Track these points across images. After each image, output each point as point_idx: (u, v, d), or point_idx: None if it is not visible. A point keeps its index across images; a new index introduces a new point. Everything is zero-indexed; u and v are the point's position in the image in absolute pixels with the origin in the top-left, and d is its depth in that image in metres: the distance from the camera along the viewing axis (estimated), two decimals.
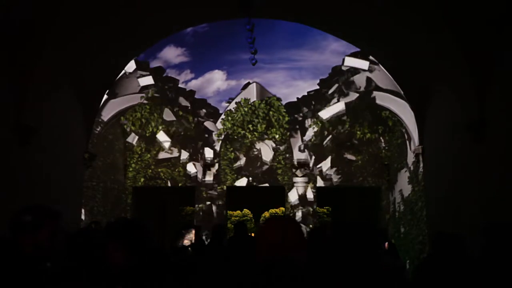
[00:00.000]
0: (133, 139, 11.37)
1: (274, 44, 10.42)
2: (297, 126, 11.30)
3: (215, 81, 11.10)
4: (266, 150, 11.62)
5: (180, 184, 11.65)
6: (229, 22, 8.69)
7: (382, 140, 11.41)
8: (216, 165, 11.42)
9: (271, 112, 11.08)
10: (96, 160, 9.24)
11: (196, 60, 10.67)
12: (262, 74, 11.09)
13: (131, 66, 10.03)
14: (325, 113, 10.47)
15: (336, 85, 10.51)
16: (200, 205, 11.40)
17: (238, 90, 11.26)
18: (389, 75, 9.46)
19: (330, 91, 10.52)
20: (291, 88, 11.29)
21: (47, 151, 6.85)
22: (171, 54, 10.74)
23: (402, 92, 9.15)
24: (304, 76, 11.11)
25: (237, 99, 11.18)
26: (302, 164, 11.30)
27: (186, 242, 6.17)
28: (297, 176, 11.39)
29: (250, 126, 11.09)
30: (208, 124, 11.29)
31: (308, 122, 11.05)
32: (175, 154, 11.49)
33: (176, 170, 11.63)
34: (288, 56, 10.81)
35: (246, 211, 14.35)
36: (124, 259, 2.17)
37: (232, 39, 10.11)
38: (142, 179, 11.65)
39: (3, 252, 2.19)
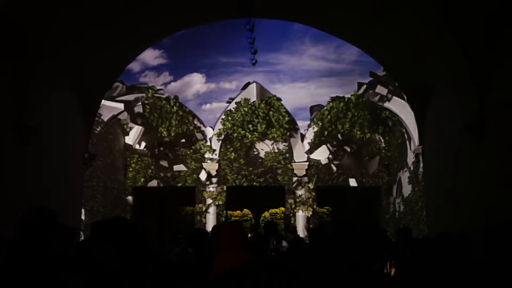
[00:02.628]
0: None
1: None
2: (297, 126, 11.30)
3: (194, 84, 11.12)
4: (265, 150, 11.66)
5: (179, 184, 11.65)
6: (205, 26, 8.63)
7: (382, 140, 11.41)
8: (216, 165, 11.42)
9: (271, 112, 11.07)
10: (96, 160, 9.23)
11: (174, 63, 10.63)
12: (241, 77, 11.19)
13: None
14: None
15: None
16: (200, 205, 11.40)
17: (218, 93, 11.30)
18: (389, 75, 9.48)
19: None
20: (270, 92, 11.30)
21: (47, 151, 6.84)
22: (149, 56, 10.74)
23: (402, 92, 9.16)
24: (282, 80, 11.18)
25: (237, 99, 11.18)
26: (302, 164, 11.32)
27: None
28: (297, 176, 11.39)
29: (250, 126, 11.09)
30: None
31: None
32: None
33: (176, 170, 11.64)
34: (266, 59, 10.90)
35: (246, 211, 14.33)
36: (115, 259, 2.16)
37: (209, 43, 10.08)
38: (142, 179, 11.65)
39: (13, 253, 2.22)
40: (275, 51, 9.26)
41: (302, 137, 11.29)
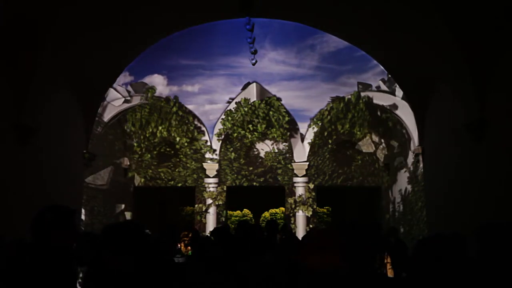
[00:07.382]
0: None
1: (212, 51, 10.39)
2: (297, 126, 11.30)
3: (156, 86, 10.95)
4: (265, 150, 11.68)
5: (179, 184, 11.65)
6: None
7: (382, 140, 11.41)
8: (216, 165, 11.42)
9: (271, 112, 11.07)
10: (96, 160, 9.23)
11: (134, 63, 10.32)
12: (203, 80, 11.05)
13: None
14: None
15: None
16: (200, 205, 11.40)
17: (181, 96, 11.02)
18: (389, 75, 9.47)
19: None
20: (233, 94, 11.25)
21: (47, 151, 6.85)
22: None
23: (402, 92, 9.16)
24: (244, 83, 11.14)
25: (237, 99, 11.18)
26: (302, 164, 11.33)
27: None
28: (297, 176, 11.40)
29: (250, 126, 11.09)
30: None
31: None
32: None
33: (177, 170, 11.64)
34: (227, 62, 10.78)
35: (246, 211, 14.34)
36: (120, 263, 2.15)
37: (169, 44, 9.80)
38: (142, 179, 11.65)
39: (28, 253, 2.22)
40: (234, 54, 9.13)
41: (302, 137, 11.30)
